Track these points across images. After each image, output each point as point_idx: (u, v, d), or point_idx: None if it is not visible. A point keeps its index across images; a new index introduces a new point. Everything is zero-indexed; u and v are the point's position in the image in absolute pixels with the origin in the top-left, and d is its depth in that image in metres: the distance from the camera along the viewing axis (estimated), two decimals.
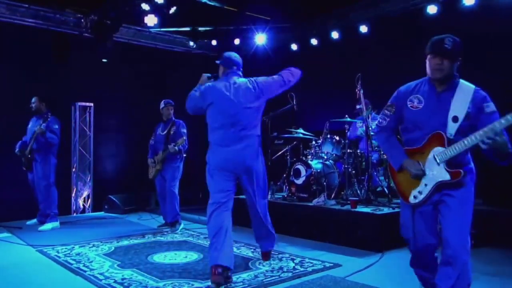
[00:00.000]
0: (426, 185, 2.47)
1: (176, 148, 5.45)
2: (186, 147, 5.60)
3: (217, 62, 3.82)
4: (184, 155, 5.75)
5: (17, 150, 5.89)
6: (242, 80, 3.70)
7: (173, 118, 5.78)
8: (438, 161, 2.42)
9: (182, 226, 5.65)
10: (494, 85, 5.26)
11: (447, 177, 2.42)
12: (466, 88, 2.45)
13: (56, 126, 5.79)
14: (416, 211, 2.54)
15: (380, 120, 2.68)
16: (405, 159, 2.52)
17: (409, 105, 2.53)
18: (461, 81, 2.49)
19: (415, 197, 2.50)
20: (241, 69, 3.81)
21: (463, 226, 2.48)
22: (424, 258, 2.64)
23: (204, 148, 8.77)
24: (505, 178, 4.62)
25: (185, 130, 5.67)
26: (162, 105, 5.78)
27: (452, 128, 2.38)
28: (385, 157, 5.29)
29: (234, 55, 3.78)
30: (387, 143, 2.67)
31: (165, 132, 5.69)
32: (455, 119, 2.37)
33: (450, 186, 2.45)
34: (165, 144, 5.59)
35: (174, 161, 5.58)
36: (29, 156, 5.77)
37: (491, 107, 2.42)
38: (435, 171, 2.43)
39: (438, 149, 2.41)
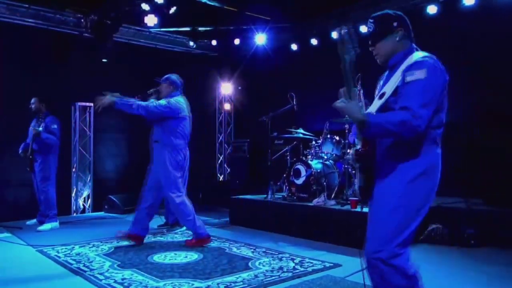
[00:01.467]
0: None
1: None
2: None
3: (166, 83, 4.83)
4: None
5: (20, 152, 5.89)
6: None
7: None
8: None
9: (184, 228, 5.64)
10: (494, 85, 5.28)
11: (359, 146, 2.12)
12: (411, 59, 2.02)
13: (55, 126, 5.78)
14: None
15: None
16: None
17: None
18: (416, 53, 2.07)
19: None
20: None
21: (375, 230, 2.01)
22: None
23: (203, 148, 8.79)
24: (505, 178, 4.63)
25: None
26: None
27: (374, 106, 2.04)
28: None
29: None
30: None
31: None
32: (381, 95, 2.02)
33: (380, 180, 2.06)
34: None
35: None
36: (30, 157, 5.77)
37: (414, 74, 1.92)
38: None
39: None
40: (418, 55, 2.02)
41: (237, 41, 8.02)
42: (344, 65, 1.98)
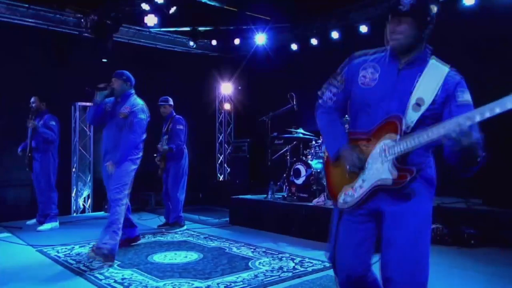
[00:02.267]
0: (362, 184, 1.85)
1: (165, 147, 5.47)
2: (181, 144, 5.58)
3: (122, 78, 4.49)
4: (185, 150, 5.73)
5: (19, 151, 5.89)
6: None
7: (173, 114, 5.78)
8: (386, 154, 1.78)
9: (184, 228, 5.65)
10: (494, 85, 5.28)
11: (388, 178, 1.76)
12: (438, 67, 1.84)
13: (53, 123, 5.77)
14: (343, 218, 1.95)
15: (324, 97, 2.07)
16: (342, 145, 1.91)
17: (359, 81, 1.93)
18: (434, 58, 1.89)
19: (344, 199, 1.91)
20: None
21: (413, 260, 1.76)
22: (351, 284, 1.96)
23: (203, 148, 8.80)
24: (505, 178, 4.63)
25: (181, 127, 5.66)
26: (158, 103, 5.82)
27: (412, 116, 1.77)
28: None
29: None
30: (328, 125, 2.04)
31: (164, 130, 5.70)
32: (418, 104, 1.76)
33: (395, 195, 1.80)
34: (167, 140, 5.59)
35: (175, 159, 5.59)
36: (29, 154, 5.76)
37: (465, 96, 1.82)
38: (376, 169, 1.80)
39: (387, 141, 1.79)
40: (444, 64, 1.87)
41: (237, 41, 8.02)
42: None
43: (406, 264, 1.76)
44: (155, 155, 5.70)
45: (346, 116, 2.29)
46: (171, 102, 5.82)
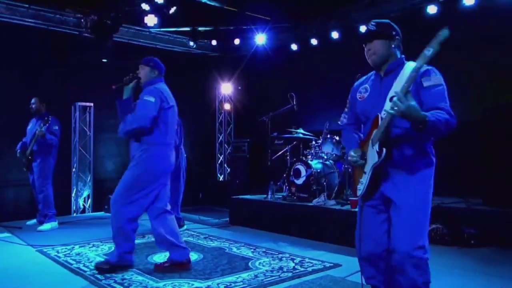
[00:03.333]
0: (365, 173, 2.28)
1: None
2: (175, 145, 5.56)
3: (149, 64, 3.86)
4: (182, 151, 5.72)
5: (18, 151, 5.89)
6: None
7: None
8: (372, 144, 2.21)
9: (184, 228, 5.64)
10: (494, 85, 5.28)
11: (375, 159, 2.19)
12: (410, 67, 2.15)
13: (56, 127, 5.78)
14: (364, 206, 2.36)
15: (341, 119, 2.71)
16: (349, 150, 2.43)
17: (358, 97, 2.46)
18: (409, 62, 2.27)
19: (358, 188, 2.34)
20: None
21: (411, 226, 2.16)
22: (374, 265, 2.35)
23: (203, 148, 8.80)
24: (505, 178, 4.62)
25: (176, 127, 5.62)
26: None
27: (388, 107, 2.13)
28: None
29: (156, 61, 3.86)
30: (344, 139, 2.65)
31: None
32: (391, 99, 2.09)
33: (392, 173, 2.23)
34: None
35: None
36: (30, 157, 5.77)
37: (431, 80, 2.16)
38: (371, 156, 2.24)
39: (374, 132, 2.22)
40: (418, 64, 2.09)
41: (237, 41, 8.02)
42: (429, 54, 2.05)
43: (404, 235, 2.16)
44: None
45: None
46: None
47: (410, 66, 2.19)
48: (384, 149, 2.15)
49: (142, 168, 3.56)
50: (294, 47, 7.51)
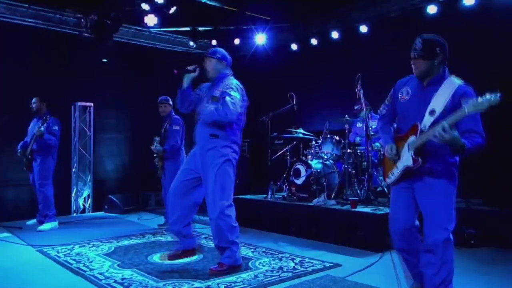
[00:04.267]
0: (397, 168, 2.72)
1: (159, 149, 5.46)
2: (175, 145, 5.57)
3: (216, 56, 3.77)
4: (181, 150, 5.73)
5: (18, 151, 5.89)
6: None
7: (172, 114, 5.76)
8: (409, 148, 2.62)
9: None
10: (494, 85, 5.28)
11: (410, 162, 2.61)
12: (451, 83, 2.56)
13: (56, 127, 5.78)
14: (394, 189, 2.80)
15: (381, 109, 2.97)
16: (387, 144, 2.79)
17: (399, 97, 2.78)
18: (452, 77, 2.62)
19: (389, 177, 2.80)
20: None
21: (440, 215, 2.56)
22: (402, 239, 2.76)
23: None
24: (505, 178, 4.63)
25: (177, 128, 5.62)
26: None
27: (427, 120, 2.55)
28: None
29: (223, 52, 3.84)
30: (381, 130, 2.96)
31: (162, 130, 5.71)
32: (432, 112, 2.53)
33: (424, 174, 2.61)
34: (163, 141, 5.59)
35: (171, 159, 5.58)
36: (30, 157, 5.77)
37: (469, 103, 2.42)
38: (405, 157, 2.66)
39: (412, 138, 2.62)
40: (459, 80, 2.58)
41: (237, 41, 8.02)
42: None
43: (435, 217, 2.56)
44: (154, 155, 5.71)
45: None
46: (171, 102, 5.81)
47: (451, 81, 2.57)
48: (420, 160, 2.55)
49: (231, 163, 3.60)
50: (294, 47, 7.50)
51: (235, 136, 3.64)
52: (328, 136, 5.79)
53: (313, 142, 5.93)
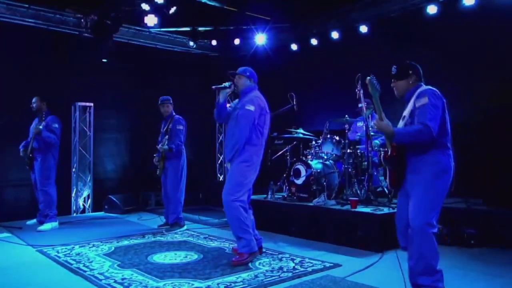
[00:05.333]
0: None
1: (165, 147, 5.46)
2: (180, 144, 5.59)
3: (246, 74, 4.16)
4: (183, 150, 5.73)
5: (20, 150, 5.89)
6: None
7: (173, 114, 5.78)
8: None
9: (184, 228, 5.65)
10: (494, 85, 5.28)
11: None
12: (417, 92, 2.88)
13: (56, 125, 5.78)
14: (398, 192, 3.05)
15: None
16: None
17: None
18: (422, 87, 2.91)
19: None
20: None
21: (419, 208, 2.74)
22: (402, 237, 2.96)
23: (203, 148, 8.78)
24: (505, 178, 4.63)
25: (181, 127, 5.66)
26: (159, 102, 5.80)
27: (399, 125, 2.93)
28: None
29: (251, 70, 4.24)
30: None
31: (164, 129, 5.71)
32: (403, 118, 2.94)
33: (409, 173, 2.87)
34: (166, 141, 5.60)
35: (174, 158, 5.59)
36: (30, 155, 5.77)
37: (420, 101, 2.79)
38: None
39: None
40: (423, 88, 2.88)
41: (237, 41, 8.02)
42: (375, 100, 2.85)
43: (414, 210, 2.75)
44: (154, 155, 5.72)
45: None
46: (171, 102, 5.83)
47: (421, 89, 2.88)
48: (389, 152, 2.90)
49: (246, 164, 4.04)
50: (294, 47, 7.50)
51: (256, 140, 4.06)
52: (328, 136, 5.79)
53: (313, 142, 5.93)
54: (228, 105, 4.26)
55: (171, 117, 5.74)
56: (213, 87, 4.19)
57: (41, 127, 5.58)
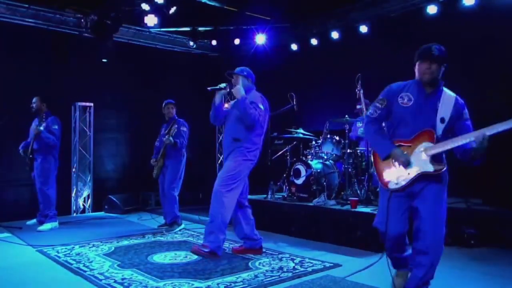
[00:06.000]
0: (409, 174, 2.70)
1: (171, 139, 5.46)
2: (184, 143, 5.61)
3: (244, 74, 4.23)
4: (185, 152, 5.75)
5: (20, 150, 5.89)
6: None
7: (175, 117, 5.80)
8: (426, 154, 2.65)
9: (182, 227, 5.65)
10: (494, 84, 5.28)
11: (430, 169, 2.64)
12: (449, 94, 2.73)
13: (56, 127, 5.78)
14: (392, 197, 2.78)
15: (371, 112, 2.87)
16: (393, 149, 2.73)
17: (399, 101, 2.76)
18: (444, 87, 2.76)
19: (396, 183, 2.75)
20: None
21: (439, 220, 2.70)
22: (398, 243, 2.89)
23: (203, 148, 8.79)
24: (505, 178, 4.62)
25: (185, 129, 5.69)
26: (163, 104, 5.81)
27: (439, 128, 2.67)
28: None
29: (248, 70, 4.31)
30: (376, 133, 2.86)
31: (166, 131, 5.71)
32: (442, 120, 2.67)
33: (429, 180, 2.69)
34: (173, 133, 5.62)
35: (174, 158, 5.60)
36: (31, 156, 5.77)
37: (467, 114, 2.74)
38: (420, 163, 2.66)
39: (427, 144, 2.65)
40: (451, 92, 2.75)
41: (237, 41, 8.01)
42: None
43: (435, 221, 2.69)
44: (152, 157, 5.73)
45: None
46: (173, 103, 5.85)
47: (447, 92, 2.74)
48: (444, 166, 2.66)
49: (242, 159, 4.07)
50: (294, 47, 7.50)
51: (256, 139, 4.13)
52: (328, 136, 5.79)
53: (313, 142, 5.93)
54: (226, 105, 4.28)
55: (175, 119, 5.75)
56: (209, 88, 4.27)
57: (41, 128, 5.58)
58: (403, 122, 2.76)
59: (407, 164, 2.68)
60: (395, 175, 2.76)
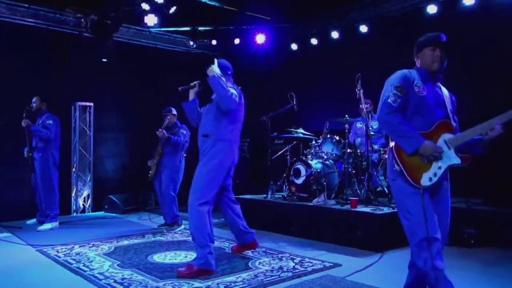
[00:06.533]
0: (439, 168, 2.49)
1: (164, 132, 5.46)
2: (180, 141, 5.59)
3: (219, 63, 4.07)
4: (184, 155, 5.76)
5: (25, 152, 5.88)
6: None
7: (178, 124, 5.80)
8: (449, 146, 2.50)
9: (182, 227, 5.65)
10: (494, 84, 5.28)
11: (458, 161, 2.51)
12: (444, 89, 2.69)
13: (50, 121, 5.75)
14: (425, 195, 2.51)
15: (393, 100, 2.53)
16: (424, 142, 2.45)
17: (416, 90, 2.54)
18: None
19: (430, 179, 2.49)
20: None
21: (448, 217, 2.72)
22: (440, 242, 2.65)
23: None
24: (505, 178, 4.62)
25: (184, 131, 5.68)
26: (164, 113, 5.79)
27: (453, 119, 2.61)
28: (385, 156, 5.28)
29: (226, 61, 4.16)
30: (401, 124, 2.51)
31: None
32: (451, 111, 2.61)
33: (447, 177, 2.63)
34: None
35: (171, 157, 5.59)
36: (31, 154, 5.78)
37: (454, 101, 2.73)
38: (448, 156, 2.50)
39: (448, 135, 2.51)
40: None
41: (237, 41, 8.02)
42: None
43: (444, 221, 2.74)
44: (149, 162, 5.74)
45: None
46: (175, 112, 5.79)
47: (440, 84, 2.68)
48: (470, 157, 2.55)
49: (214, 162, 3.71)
50: (294, 47, 7.50)
51: (229, 134, 3.83)
52: (328, 136, 5.78)
53: (313, 142, 5.93)
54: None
55: (176, 126, 5.74)
56: (180, 88, 4.14)
57: (28, 121, 5.58)
58: (419, 113, 2.53)
59: (439, 158, 2.46)
60: (424, 170, 2.48)
